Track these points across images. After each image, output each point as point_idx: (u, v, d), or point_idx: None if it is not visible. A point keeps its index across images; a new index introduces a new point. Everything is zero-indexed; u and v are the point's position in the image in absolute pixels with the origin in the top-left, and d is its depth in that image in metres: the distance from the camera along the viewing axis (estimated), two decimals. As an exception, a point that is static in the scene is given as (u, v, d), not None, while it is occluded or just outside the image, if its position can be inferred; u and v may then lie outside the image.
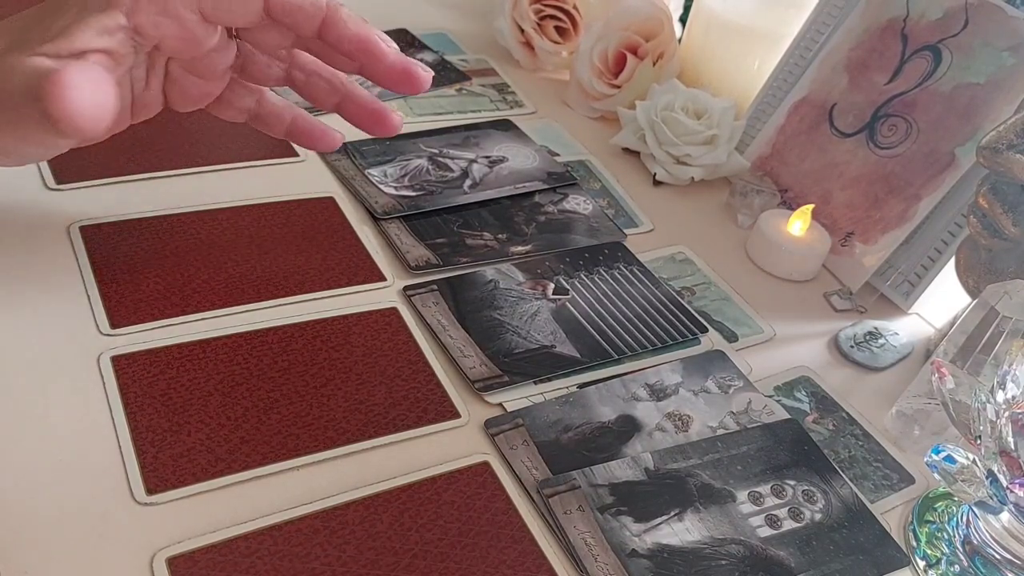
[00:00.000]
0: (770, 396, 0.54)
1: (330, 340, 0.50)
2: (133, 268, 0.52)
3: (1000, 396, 0.43)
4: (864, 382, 0.58)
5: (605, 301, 0.57)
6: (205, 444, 0.43)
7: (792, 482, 0.48)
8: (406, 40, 0.81)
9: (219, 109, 0.50)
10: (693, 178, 0.70)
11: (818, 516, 0.47)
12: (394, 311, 0.53)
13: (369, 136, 0.51)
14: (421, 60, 0.78)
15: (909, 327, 0.62)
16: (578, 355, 0.53)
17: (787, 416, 0.52)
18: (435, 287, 0.56)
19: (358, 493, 0.43)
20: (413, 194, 0.62)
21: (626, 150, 0.73)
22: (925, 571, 0.46)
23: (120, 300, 0.50)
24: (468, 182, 0.65)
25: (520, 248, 0.60)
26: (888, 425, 0.54)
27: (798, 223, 0.64)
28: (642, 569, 0.42)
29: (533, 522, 0.44)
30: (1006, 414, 0.42)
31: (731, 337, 0.58)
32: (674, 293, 0.59)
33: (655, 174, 0.70)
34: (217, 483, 0.42)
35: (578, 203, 0.66)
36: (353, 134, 0.68)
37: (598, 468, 0.46)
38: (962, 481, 0.43)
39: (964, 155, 0.60)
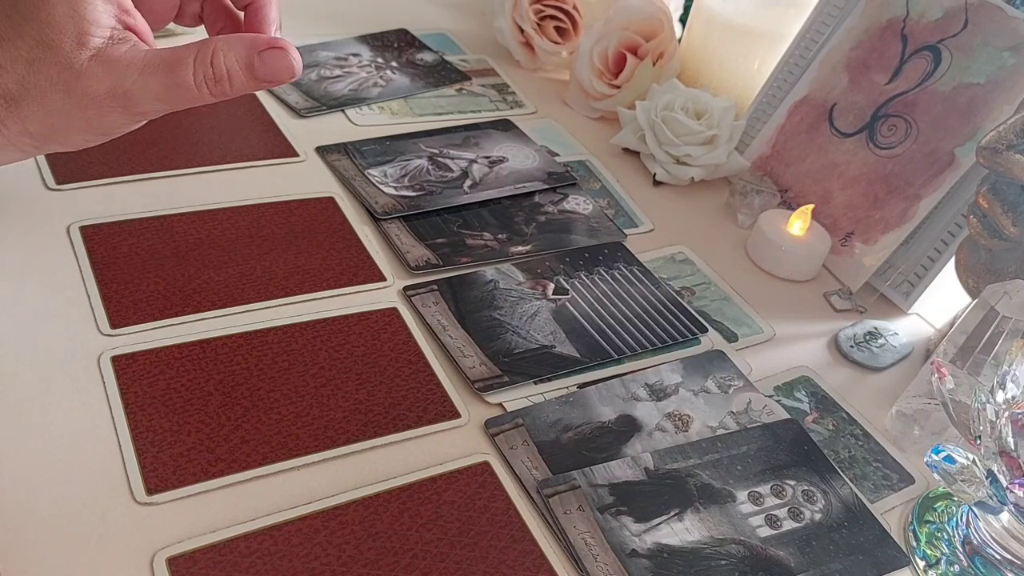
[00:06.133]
0: (770, 396, 0.54)
1: (330, 340, 0.50)
2: (133, 268, 0.52)
3: (1000, 396, 0.43)
4: (864, 382, 0.57)
5: (605, 301, 0.57)
6: (205, 444, 0.43)
7: (792, 482, 0.48)
8: (406, 40, 0.81)
9: (178, 20, 0.50)
10: (693, 178, 0.70)
11: (818, 516, 0.47)
12: (394, 311, 0.53)
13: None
14: (421, 60, 0.79)
15: (909, 327, 0.62)
16: (578, 355, 0.53)
17: (787, 416, 0.52)
18: (435, 287, 0.56)
19: (358, 493, 0.43)
20: (413, 194, 0.62)
21: (626, 150, 0.73)
22: (925, 571, 0.46)
23: (120, 300, 0.50)
24: (468, 182, 0.65)
25: (520, 248, 0.60)
26: (888, 425, 0.54)
27: (798, 223, 0.64)
28: (642, 569, 0.42)
29: (533, 522, 0.44)
30: (1006, 414, 0.42)
31: (731, 337, 0.58)
32: (674, 293, 0.59)
33: (655, 174, 0.70)
34: (217, 483, 0.42)
35: (578, 203, 0.66)
36: (353, 134, 0.68)
37: (598, 468, 0.46)
38: (962, 481, 0.43)
39: (964, 155, 0.60)
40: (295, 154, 0.64)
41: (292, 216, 0.58)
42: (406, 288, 0.55)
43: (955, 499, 0.49)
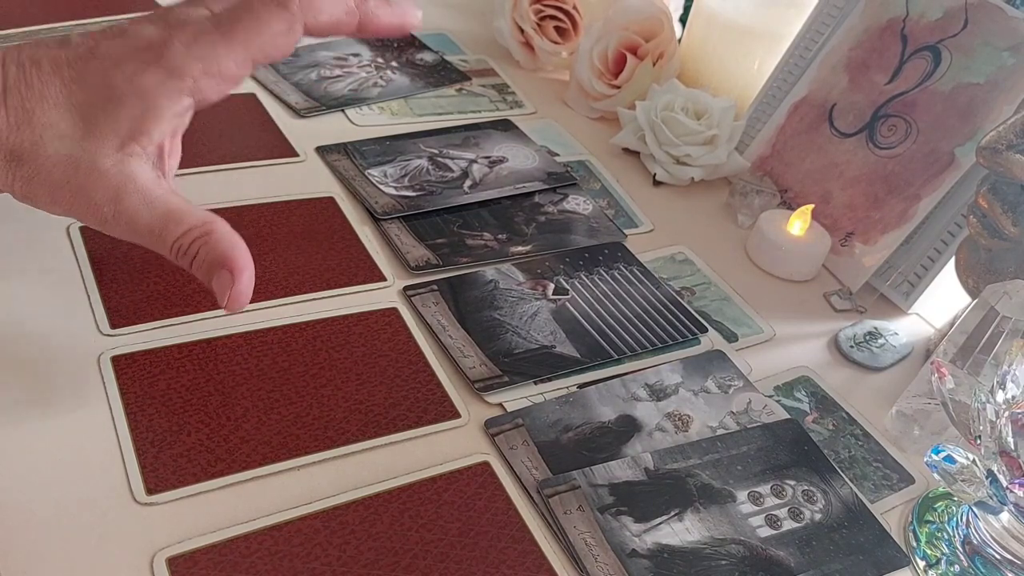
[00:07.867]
0: (770, 396, 0.54)
1: (330, 340, 0.50)
2: (133, 268, 0.52)
3: (1000, 396, 0.43)
4: (864, 382, 0.58)
5: (605, 301, 0.57)
6: (205, 444, 0.43)
7: (792, 482, 0.48)
8: (406, 40, 0.81)
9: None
10: (693, 178, 0.70)
11: (818, 516, 0.47)
12: (394, 311, 0.53)
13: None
14: (421, 60, 0.79)
15: (909, 327, 0.62)
16: (578, 355, 0.53)
17: (787, 416, 0.52)
18: (435, 287, 0.56)
19: (358, 493, 0.43)
20: (413, 194, 0.62)
21: (626, 150, 0.74)
22: (925, 571, 0.46)
23: (120, 300, 0.50)
24: (468, 182, 0.65)
25: (520, 248, 0.60)
26: (888, 425, 0.54)
27: (798, 223, 0.64)
28: (642, 569, 0.42)
29: (533, 522, 0.44)
30: (1006, 414, 0.42)
31: (731, 337, 0.58)
32: (674, 293, 0.59)
33: (655, 174, 0.70)
34: (217, 483, 0.42)
35: (578, 203, 0.66)
36: (353, 134, 0.68)
37: (598, 468, 0.46)
38: (962, 481, 0.43)
39: (964, 155, 0.60)
40: (295, 154, 0.64)
41: (292, 216, 0.58)
42: (406, 288, 0.55)
43: (955, 499, 0.49)
